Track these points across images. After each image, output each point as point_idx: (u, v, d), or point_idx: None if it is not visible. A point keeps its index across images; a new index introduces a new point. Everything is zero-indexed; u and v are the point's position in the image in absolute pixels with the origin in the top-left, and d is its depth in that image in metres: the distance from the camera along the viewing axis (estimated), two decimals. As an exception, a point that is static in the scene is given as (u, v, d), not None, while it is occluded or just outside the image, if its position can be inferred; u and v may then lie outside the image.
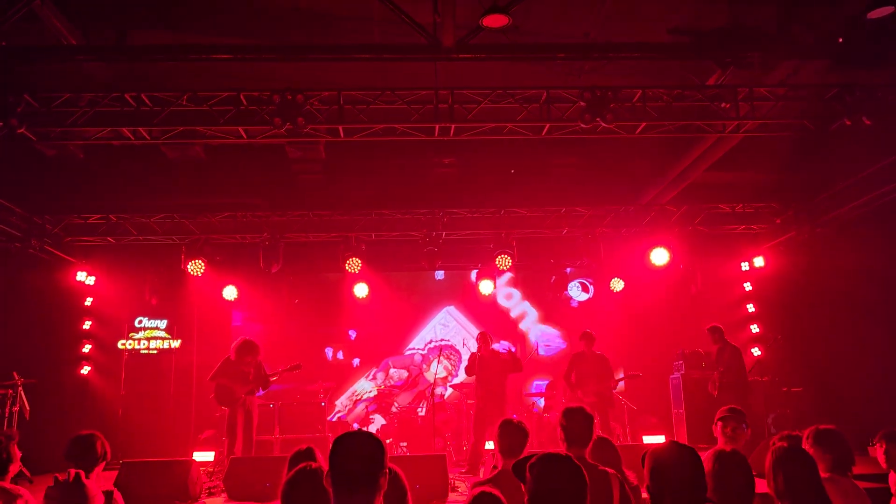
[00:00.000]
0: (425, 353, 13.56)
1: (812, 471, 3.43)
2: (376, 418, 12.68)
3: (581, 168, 11.42)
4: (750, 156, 9.98)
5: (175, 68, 8.44)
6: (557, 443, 4.59)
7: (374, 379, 13.32)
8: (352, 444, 2.63)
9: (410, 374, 13.37)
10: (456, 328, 13.69)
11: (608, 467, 4.14)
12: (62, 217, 10.94)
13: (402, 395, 13.00)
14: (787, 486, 3.35)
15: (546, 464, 2.76)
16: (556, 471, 2.74)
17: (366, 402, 13.12)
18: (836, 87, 7.60)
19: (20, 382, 9.18)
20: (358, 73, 8.39)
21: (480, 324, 13.12)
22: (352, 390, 13.24)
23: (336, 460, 2.57)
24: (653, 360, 11.61)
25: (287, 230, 11.30)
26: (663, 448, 2.99)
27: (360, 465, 2.55)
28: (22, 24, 6.69)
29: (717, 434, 5.36)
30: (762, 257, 12.23)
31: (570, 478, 2.73)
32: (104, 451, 4.18)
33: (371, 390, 13.20)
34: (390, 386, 13.17)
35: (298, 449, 3.89)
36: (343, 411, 13.07)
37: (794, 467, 3.40)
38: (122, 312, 12.10)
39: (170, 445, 10.68)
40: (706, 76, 8.22)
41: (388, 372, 13.38)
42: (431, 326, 13.71)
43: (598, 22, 7.87)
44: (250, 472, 7.57)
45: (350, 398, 13.21)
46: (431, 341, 13.52)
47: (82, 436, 4.24)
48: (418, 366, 13.47)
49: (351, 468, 2.54)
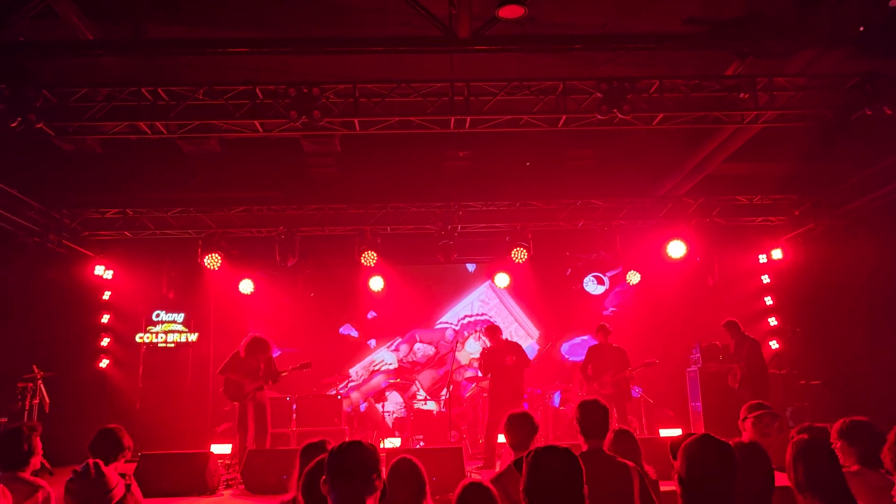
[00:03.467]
0: (458, 329, 12.67)
1: (833, 463, 3.38)
2: (392, 396, 11.94)
3: (597, 160, 11.34)
4: (768, 146, 9.87)
5: (191, 62, 8.46)
6: (574, 436, 4.57)
7: (396, 350, 12.61)
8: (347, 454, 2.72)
9: (438, 351, 12.54)
10: (497, 306, 12.69)
11: (627, 460, 4.11)
12: (80, 211, 11.04)
13: (426, 372, 12.41)
14: (807, 479, 3.30)
15: (540, 456, 2.74)
16: (549, 463, 2.72)
17: (384, 374, 12.46)
18: (856, 77, 7.49)
19: (40, 376, 9.26)
20: (373, 65, 8.37)
21: (528, 307, 12.44)
22: (369, 359, 12.56)
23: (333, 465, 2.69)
24: (669, 352, 11.51)
25: (302, 224, 11.34)
26: (700, 440, 2.94)
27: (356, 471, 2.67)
28: (39, 20, 6.73)
29: (748, 428, 5.19)
30: (780, 249, 12.09)
31: (563, 470, 2.69)
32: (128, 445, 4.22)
33: (391, 363, 12.53)
34: (413, 361, 12.44)
35: (310, 442, 3.90)
36: (357, 380, 12.47)
37: (814, 459, 3.35)
38: (140, 306, 12.18)
39: (187, 438, 10.76)
40: (724, 66, 8.13)
41: (412, 345, 12.60)
42: (468, 301, 12.78)
43: (615, 12, 7.80)
44: (267, 464, 7.61)
45: (366, 367, 12.55)
46: (466, 317, 12.64)
47: (107, 429, 4.28)
48: (449, 343, 12.42)
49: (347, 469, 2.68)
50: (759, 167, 11.16)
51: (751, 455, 3.20)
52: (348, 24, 8.21)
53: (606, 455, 4.21)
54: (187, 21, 8.07)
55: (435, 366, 12.61)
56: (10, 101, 6.98)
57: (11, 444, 4.01)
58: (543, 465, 2.71)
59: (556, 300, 13.07)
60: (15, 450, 3.99)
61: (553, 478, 2.69)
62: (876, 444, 3.93)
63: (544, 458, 2.73)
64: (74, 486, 2.74)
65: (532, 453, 2.77)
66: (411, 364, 12.55)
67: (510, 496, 3.83)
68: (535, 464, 2.72)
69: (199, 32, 8.01)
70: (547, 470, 2.70)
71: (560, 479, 2.69)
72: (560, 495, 2.67)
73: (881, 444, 3.93)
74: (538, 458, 2.74)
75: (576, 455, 2.77)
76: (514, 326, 12.90)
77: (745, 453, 3.19)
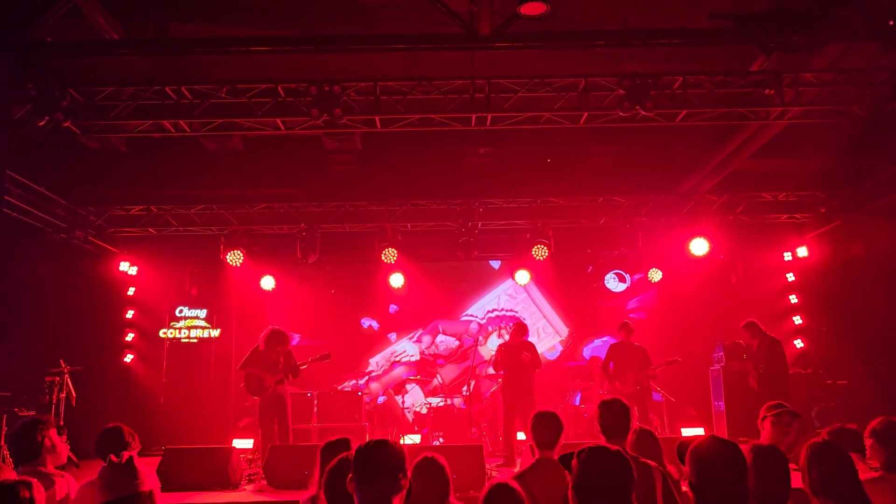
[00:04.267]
0: (483, 323, 12.50)
1: (849, 467, 3.32)
2: (413, 389, 11.80)
3: (619, 156, 11.24)
4: (794, 142, 9.72)
5: (214, 60, 8.53)
6: (595, 435, 4.54)
7: (418, 341, 12.54)
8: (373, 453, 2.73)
9: (462, 345, 12.40)
10: (525, 302, 12.48)
11: (649, 460, 4.08)
12: (105, 208, 11.20)
13: (448, 367, 12.31)
14: (822, 482, 3.25)
15: (596, 455, 2.73)
16: (605, 463, 2.71)
17: (405, 365, 12.35)
18: (886, 72, 7.36)
19: (66, 370, 9.40)
20: (394, 63, 8.38)
21: (557, 303, 12.28)
22: (391, 349, 12.48)
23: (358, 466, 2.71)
24: (692, 351, 11.40)
25: (323, 221, 11.40)
26: (707, 443, 2.93)
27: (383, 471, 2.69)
28: (65, 20, 6.81)
29: (766, 427, 5.11)
30: (805, 247, 11.93)
31: (617, 471, 2.70)
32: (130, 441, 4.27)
33: (413, 354, 12.44)
34: (435, 354, 12.31)
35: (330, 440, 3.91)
36: (378, 370, 12.42)
37: (829, 463, 3.30)
38: (164, 302, 12.33)
39: (210, 432, 10.89)
40: (749, 61, 8.01)
41: (435, 337, 12.47)
42: (495, 295, 12.61)
43: (637, 8, 7.73)
44: (289, 459, 7.64)
45: (387, 358, 12.47)
46: (493, 311, 12.44)
47: (108, 428, 4.33)
48: (473, 336, 12.25)
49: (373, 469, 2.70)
50: (784, 163, 11.00)
51: (767, 456, 3.16)
52: (369, 22, 8.22)
53: (630, 455, 4.18)
54: (210, 19, 8.14)
55: (457, 360, 12.53)
56: (38, 101, 7.08)
57: (26, 438, 4.06)
58: (597, 465, 2.70)
59: (578, 297, 13.02)
60: (29, 443, 4.04)
61: (605, 478, 2.69)
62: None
63: (598, 458, 2.73)
64: (107, 476, 2.82)
65: (586, 452, 2.76)
66: (433, 356, 12.47)
67: (533, 494, 3.82)
68: (588, 462, 2.71)
69: (222, 31, 8.08)
70: (600, 469, 2.70)
71: (611, 481, 2.69)
72: (611, 496, 2.67)
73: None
74: (592, 458, 2.72)
75: (628, 458, 2.76)
76: (541, 323, 12.77)
77: (761, 454, 3.16)
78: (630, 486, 2.68)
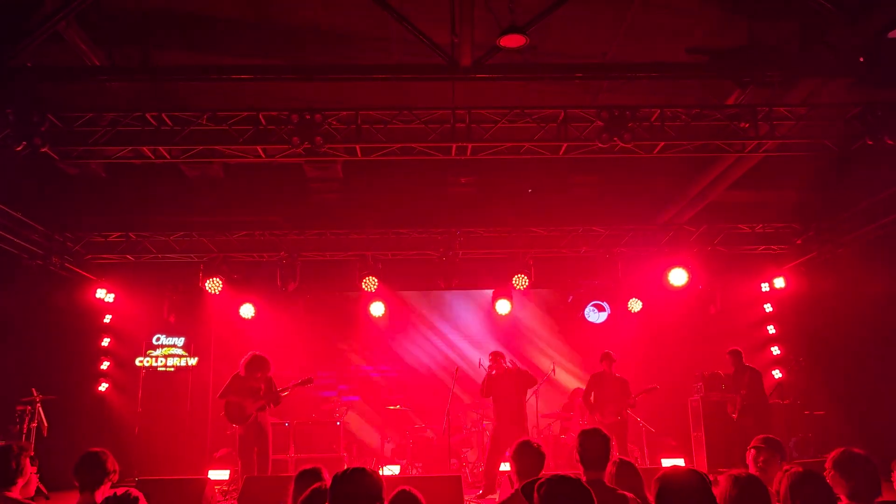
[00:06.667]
0: (465, 354, 12.80)
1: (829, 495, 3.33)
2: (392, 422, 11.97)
3: (599, 187, 11.37)
4: (770, 175, 9.89)
5: (195, 88, 8.54)
6: (574, 465, 4.52)
7: (396, 374, 12.84)
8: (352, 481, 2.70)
9: (441, 376, 12.74)
10: (509, 331, 12.88)
11: (628, 491, 4.06)
12: (83, 235, 11.07)
13: (425, 396, 12.34)
14: None
15: (554, 486, 2.72)
16: (563, 493, 2.70)
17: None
18: (857, 107, 7.52)
19: (39, 399, 9.22)
20: (376, 92, 8.44)
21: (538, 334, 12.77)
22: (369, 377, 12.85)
23: None
24: (671, 381, 11.41)
25: (304, 248, 11.37)
26: (671, 473, 2.96)
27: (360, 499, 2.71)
28: (46, 46, 6.80)
29: (749, 462, 5.12)
30: (783, 278, 12.07)
31: (577, 500, 2.68)
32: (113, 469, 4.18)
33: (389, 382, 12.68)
34: (412, 383, 12.57)
35: (304, 469, 3.87)
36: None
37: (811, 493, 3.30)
38: (141, 330, 12.15)
39: (185, 463, 10.68)
40: (725, 95, 8.17)
41: (410, 368, 12.86)
42: (476, 325, 13.10)
43: (616, 42, 7.87)
44: (265, 491, 7.49)
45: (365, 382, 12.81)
46: (473, 342, 12.81)
47: (92, 452, 4.23)
48: (453, 367, 12.45)
49: None
50: (761, 195, 11.19)
51: (748, 487, 3.17)
52: (351, 52, 8.29)
53: (607, 487, 4.17)
54: (192, 47, 8.16)
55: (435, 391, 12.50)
56: (16, 126, 7.03)
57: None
58: (558, 496, 2.69)
59: (558, 327, 13.06)
60: (3, 468, 3.94)
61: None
62: (868, 480, 3.77)
63: (556, 489, 2.71)
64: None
65: (544, 483, 2.75)
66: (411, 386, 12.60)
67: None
68: (547, 493, 2.69)
69: (204, 59, 8.10)
70: (562, 500, 2.67)
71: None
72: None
73: (874, 481, 3.78)
74: (550, 488, 2.71)
75: (587, 486, 2.75)
76: (529, 351, 12.89)
77: (742, 486, 3.17)
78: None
